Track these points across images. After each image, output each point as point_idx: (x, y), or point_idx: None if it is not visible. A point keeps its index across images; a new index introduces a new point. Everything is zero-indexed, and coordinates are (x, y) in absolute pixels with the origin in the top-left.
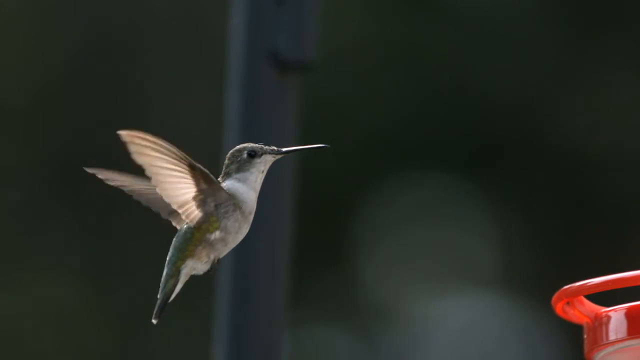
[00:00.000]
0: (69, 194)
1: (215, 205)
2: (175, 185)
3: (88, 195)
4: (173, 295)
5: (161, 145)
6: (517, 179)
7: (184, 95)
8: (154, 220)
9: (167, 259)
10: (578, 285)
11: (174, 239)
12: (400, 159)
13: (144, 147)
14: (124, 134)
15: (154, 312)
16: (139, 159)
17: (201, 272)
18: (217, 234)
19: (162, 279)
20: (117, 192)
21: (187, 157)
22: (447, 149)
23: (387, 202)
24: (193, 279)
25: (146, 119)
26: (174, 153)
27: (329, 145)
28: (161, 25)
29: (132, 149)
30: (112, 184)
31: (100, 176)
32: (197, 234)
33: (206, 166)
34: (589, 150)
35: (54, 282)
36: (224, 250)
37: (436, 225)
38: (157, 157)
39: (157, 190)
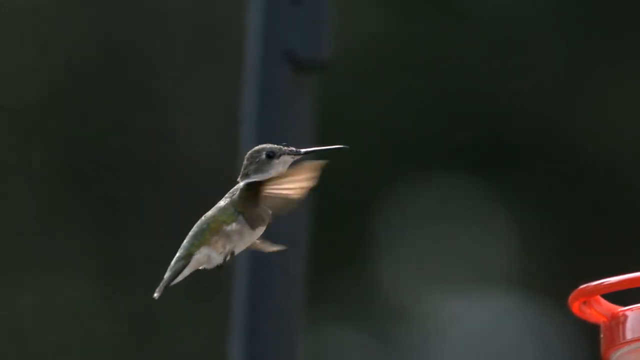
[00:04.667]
0: (82, 193)
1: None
2: None
3: (101, 194)
4: (180, 278)
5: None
6: (532, 178)
7: (198, 95)
8: (166, 219)
9: (183, 244)
10: (595, 285)
11: (193, 228)
12: (416, 158)
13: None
14: None
15: (158, 287)
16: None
17: (213, 265)
18: (233, 226)
19: (173, 260)
20: (129, 192)
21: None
22: (462, 149)
23: (403, 201)
24: (208, 277)
25: (161, 120)
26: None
27: (347, 146)
28: (175, 24)
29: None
30: None
31: None
32: (214, 225)
33: (227, 166)
34: (604, 150)
35: (67, 282)
36: (239, 244)
37: (452, 225)
38: None
39: None
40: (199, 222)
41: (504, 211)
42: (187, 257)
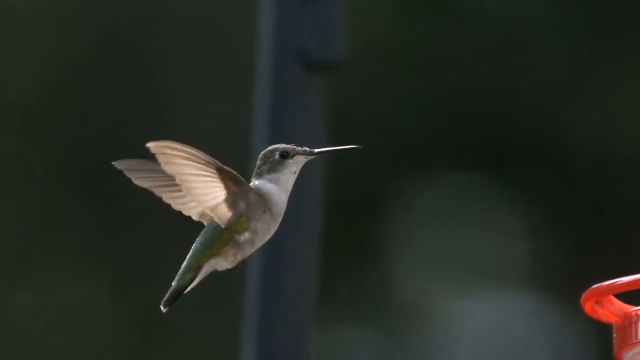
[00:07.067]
0: (85, 193)
1: (246, 207)
2: (206, 190)
3: (105, 194)
4: (188, 289)
5: (189, 153)
6: (545, 178)
7: (210, 95)
8: (176, 217)
9: (191, 252)
10: (607, 284)
11: (201, 234)
12: (426, 157)
13: (172, 156)
14: (152, 145)
15: (164, 299)
16: (168, 168)
17: (224, 269)
18: (246, 235)
19: (181, 269)
20: (133, 191)
21: (215, 161)
22: (473, 149)
23: (414, 200)
24: (221, 278)
25: (171, 120)
26: (201, 159)
27: (361, 146)
28: (186, 24)
29: (161, 159)
30: (140, 183)
31: (129, 174)
32: (226, 234)
33: (234, 167)
34: (615, 150)
35: (71, 282)
36: (250, 251)
37: (462, 224)
38: (185, 164)
39: (188, 196)
40: (210, 227)
41: (516, 211)
42: (196, 269)
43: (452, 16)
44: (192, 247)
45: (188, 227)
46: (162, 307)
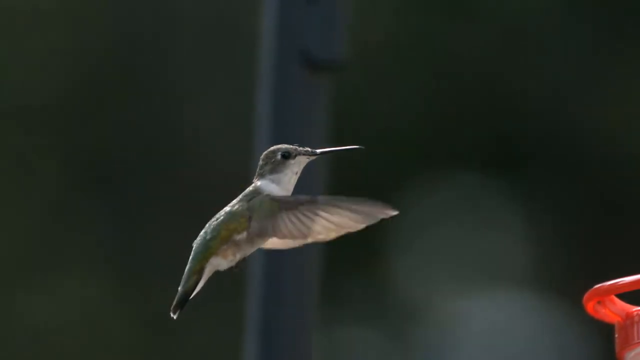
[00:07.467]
0: (97, 193)
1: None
2: None
3: (117, 194)
4: (194, 292)
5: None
6: (548, 178)
7: (213, 94)
8: (182, 219)
9: (192, 254)
10: (609, 284)
11: (200, 235)
12: (429, 158)
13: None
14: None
15: (173, 305)
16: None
17: (225, 268)
18: (244, 235)
19: (185, 273)
20: (146, 190)
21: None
22: (477, 149)
23: (417, 201)
24: (223, 277)
25: (175, 120)
26: None
27: (363, 147)
28: (190, 24)
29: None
30: None
31: None
32: (224, 233)
33: (236, 167)
34: (619, 150)
35: (82, 282)
36: (250, 250)
37: (466, 225)
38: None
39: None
40: (210, 227)
41: (518, 211)
42: (199, 271)
43: (454, 16)
44: (193, 249)
45: (201, 228)
46: (171, 314)
